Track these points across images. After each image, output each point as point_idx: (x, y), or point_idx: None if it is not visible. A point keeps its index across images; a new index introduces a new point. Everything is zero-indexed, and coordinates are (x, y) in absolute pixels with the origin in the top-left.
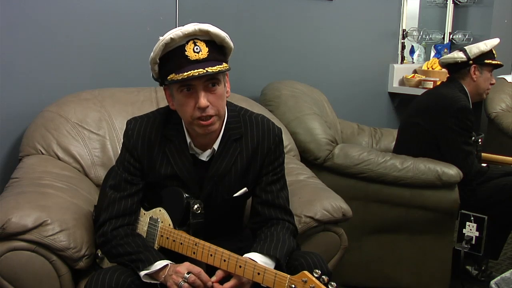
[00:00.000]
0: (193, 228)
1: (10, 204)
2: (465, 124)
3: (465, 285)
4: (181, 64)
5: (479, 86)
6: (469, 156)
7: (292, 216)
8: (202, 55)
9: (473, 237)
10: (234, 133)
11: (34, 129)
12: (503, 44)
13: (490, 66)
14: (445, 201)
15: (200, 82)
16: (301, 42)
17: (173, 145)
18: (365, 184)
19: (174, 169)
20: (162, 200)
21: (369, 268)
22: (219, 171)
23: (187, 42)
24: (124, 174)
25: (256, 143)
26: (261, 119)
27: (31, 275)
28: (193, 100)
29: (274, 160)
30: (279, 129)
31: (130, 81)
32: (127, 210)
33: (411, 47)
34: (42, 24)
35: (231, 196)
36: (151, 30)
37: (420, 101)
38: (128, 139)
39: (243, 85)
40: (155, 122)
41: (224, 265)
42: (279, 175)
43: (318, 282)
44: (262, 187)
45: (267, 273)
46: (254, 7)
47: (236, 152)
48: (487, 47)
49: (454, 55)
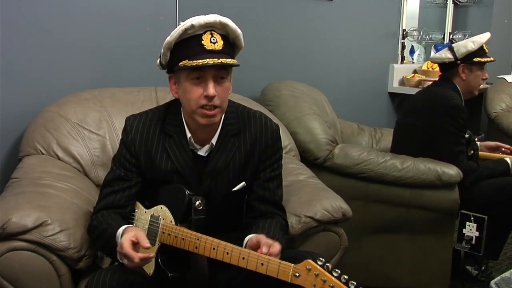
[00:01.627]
0: (195, 224)
1: (10, 204)
2: (458, 123)
3: (465, 285)
4: (197, 52)
5: (469, 84)
6: (460, 154)
7: (285, 213)
8: (218, 47)
9: (473, 237)
10: (232, 128)
11: (34, 129)
12: (503, 44)
13: (479, 64)
14: (445, 201)
15: (212, 71)
16: (301, 42)
17: (173, 141)
18: (365, 184)
19: (174, 164)
20: (163, 198)
21: (369, 268)
22: (218, 166)
23: (205, 32)
24: (119, 170)
25: (254, 139)
26: (258, 115)
27: (31, 275)
28: (201, 88)
29: (272, 156)
30: (277, 125)
31: (130, 81)
32: (115, 203)
33: (411, 47)
34: (42, 24)
35: (230, 191)
36: (151, 30)
37: (414, 101)
38: (126, 135)
39: (243, 85)
40: (153, 118)
41: (227, 258)
42: (277, 172)
43: (323, 270)
44: (260, 184)
45: (270, 263)
46: (254, 7)
47: (234, 147)
48: (474, 46)
49: (442, 55)
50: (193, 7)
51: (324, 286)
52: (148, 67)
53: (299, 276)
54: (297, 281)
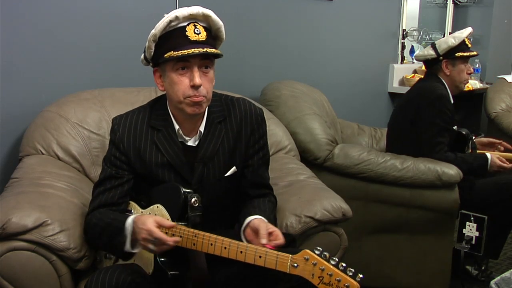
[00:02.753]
0: (192, 222)
1: (10, 204)
2: (442, 112)
3: (465, 285)
4: (182, 43)
5: (454, 79)
6: (437, 145)
7: (272, 190)
8: (202, 37)
9: (473, 237)
10: (217, 116)
11: (34, 129)
12: (503, 44)
13: (462, 58)
14: (445, 201)
15: (197, 61)
16: (301, 42)
17: (162, 134)
18: (365, 184)
19: (165, 157)
20: (159, 197)
21: (369, 268)
22: (208, 153)
23: (188, 24)
24: (110, 168)
25: (240, 123)
26: (242, 101)
27: (31, 275)
28: (187, 79)
29: (259, 139)
30: (260, 109)
31: (130, 81)
32: (108, 200)
33: (411, 47)
34: (42, 24)
35: (222, 177)
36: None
37: (403, 99)
38: (114, 133)
39: (243, 85)
40: (139, 115)
41: (225, 253)
42: (266, 157)
43: (320, 259)
44: (252, 171)
45: (268, 255)
46: (254, 7)
47: (222, 133)
48: (455, 42)
49: (425, 52)
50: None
51: (322, 274)
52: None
53: (297, 267)
54: (295, 271)
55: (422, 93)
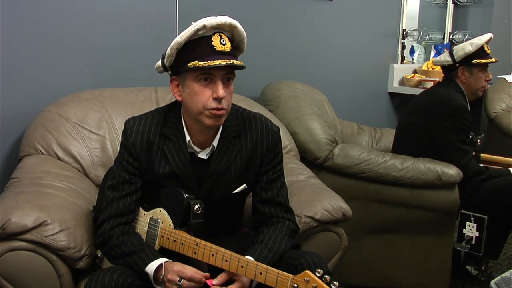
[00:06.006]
0: (194, 228)
1: (10, 204)
2: (461, 123)
3: (465, 285)
4: (207, 53)
5: (470, 86)
6: (466, 155)
7: (293, 213)
8: (227, 48)
9: (473, 237)
10: (233, 130)
11: (34, 129)
12: (503, 44)
13: (479, 65)
14: (445, 201)
15: (221, 73)
16: (301, 42)
17: (172, 143)
18: (365, 184)
19: (172, 167)
20: (162, 201)
21: (369, 268)
22: (220, 168)
23: (214, 33)
24: (123, 173)
25: (255, 141)
26: (259, 117)
27: (31, 275)
28: (210, 90)
29: (274, 158)
30: (277, 127)
31: (130, 81)
32: (125, 209)
33: (411, 47)
34: (42, 24)
35: (230, 193)
36: (151, 30)
37: (417, 101)
38: (126, 138)
39: (243, 85)
40: (153, 121)
41: (225, 265)
42: (279, 173)
43: (321, 282)
44: (262, 186)
45: (269, 272)
46: (254, 8)
47: (236, 149)
48: (472, 49)
49: (442, 59)
50: (193, 7)
51: None
52: (148, 67)
53: (297, 287)
54: None
55: (440, 102)
